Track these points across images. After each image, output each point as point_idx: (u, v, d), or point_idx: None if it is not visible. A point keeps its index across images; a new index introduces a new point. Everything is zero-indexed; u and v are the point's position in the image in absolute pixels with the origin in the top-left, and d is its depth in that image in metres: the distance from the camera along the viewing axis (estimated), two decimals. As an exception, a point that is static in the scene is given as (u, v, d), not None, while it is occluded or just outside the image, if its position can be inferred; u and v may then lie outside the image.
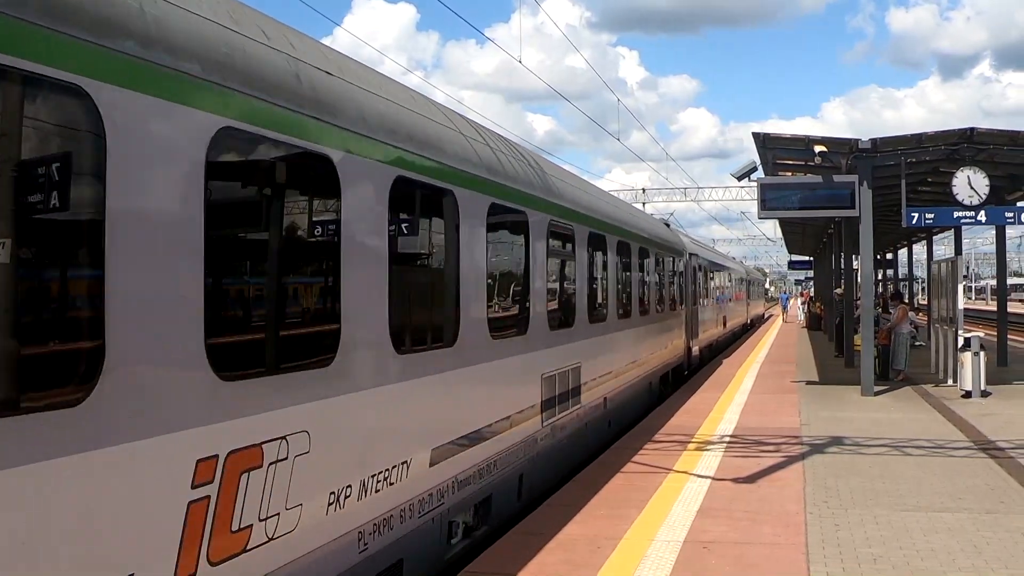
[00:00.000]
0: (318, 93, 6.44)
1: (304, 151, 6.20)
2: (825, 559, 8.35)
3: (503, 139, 11.60)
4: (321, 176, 6.49)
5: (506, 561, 8.38)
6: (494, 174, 9.96)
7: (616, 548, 8.77)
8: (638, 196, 62.08)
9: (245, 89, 5.56)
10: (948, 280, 23.13)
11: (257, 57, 5.78)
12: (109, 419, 4.43)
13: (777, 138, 20.70)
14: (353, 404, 6.79)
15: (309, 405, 6.16)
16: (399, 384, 7.59)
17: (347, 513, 6.63)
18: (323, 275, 6.77)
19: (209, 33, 5.34)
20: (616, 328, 15.99)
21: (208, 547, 5.09)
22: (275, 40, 6.17)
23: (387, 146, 7.42)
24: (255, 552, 5.53)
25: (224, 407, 5.29)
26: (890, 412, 17.78)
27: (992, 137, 19.66)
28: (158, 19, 4.88)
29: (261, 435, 5.62)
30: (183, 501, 4.94)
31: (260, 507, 5.57)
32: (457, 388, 8.81)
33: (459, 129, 9.52)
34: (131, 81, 4.62)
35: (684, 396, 20.67)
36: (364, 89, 7.41)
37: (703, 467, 12.44)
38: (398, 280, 7.51)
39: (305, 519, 6.04)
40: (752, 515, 9.92)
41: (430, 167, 8.25)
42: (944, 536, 9.04)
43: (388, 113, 7.68)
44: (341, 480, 6.58)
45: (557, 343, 12.04)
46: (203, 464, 5.08)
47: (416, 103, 8.67)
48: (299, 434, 6.02)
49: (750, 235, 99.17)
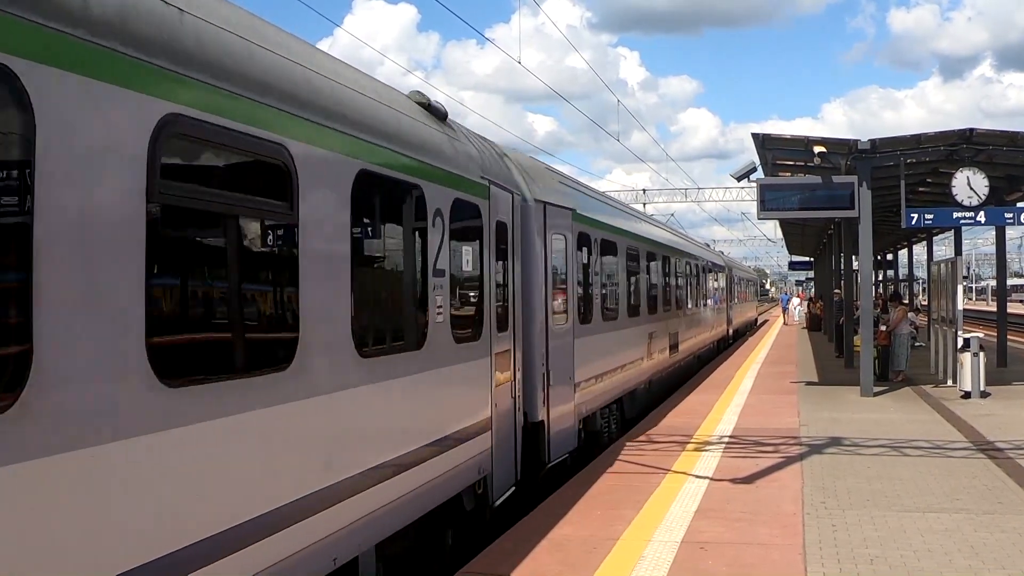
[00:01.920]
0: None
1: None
2: (822, 560, 8.33)
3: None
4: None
5: (502, 561, 8.36)
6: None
7: (613, 548, 8.75)
8: (638, 197, 62.09)
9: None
10: (948, 281, 23.13)
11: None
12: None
13: (777, 139, 20.70)
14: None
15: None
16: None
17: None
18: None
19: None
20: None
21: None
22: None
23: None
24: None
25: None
26: (889, 413, 17.76)
27: (991, 138, 19.66)
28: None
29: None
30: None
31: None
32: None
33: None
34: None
35: (682, 396, 20.65)
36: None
37: (701, 468, 12.42)
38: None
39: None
40: (750, 516, 9.90)
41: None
42: (941, 537, 9.02)
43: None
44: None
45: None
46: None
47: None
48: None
49: (751, 236, 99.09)
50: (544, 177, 13.11)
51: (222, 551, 5.19)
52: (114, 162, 4.52)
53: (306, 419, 6.21)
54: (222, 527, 5.21)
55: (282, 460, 5.95)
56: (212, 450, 5.23)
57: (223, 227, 5.65)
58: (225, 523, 5.24)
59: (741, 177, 21.77)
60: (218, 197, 5.61)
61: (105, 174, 4.48)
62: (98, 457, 4.36)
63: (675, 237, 28.26)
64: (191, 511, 5.03)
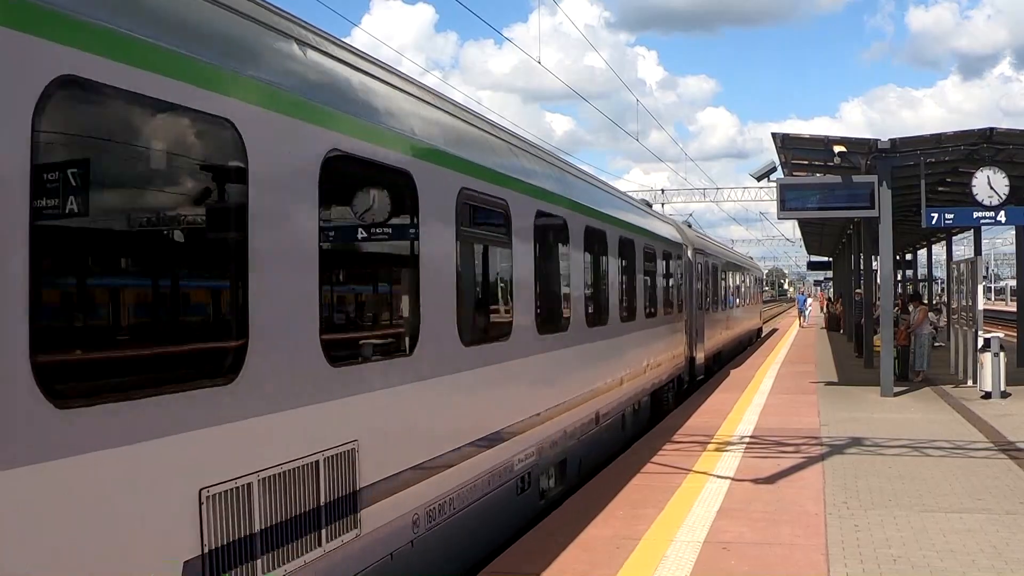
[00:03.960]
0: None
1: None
2: (845, 560, 8.37)
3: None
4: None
5: (526, 561, 8.44)
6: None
7: (636, 548, 8.82)
8: (657, 197, 61.98)
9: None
10: (968, 280, 23.05)
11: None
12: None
13: (796, 138, 20.69)
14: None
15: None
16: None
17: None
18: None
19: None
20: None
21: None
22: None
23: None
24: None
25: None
26: (909, 413, 17.75)
27: (1012, 137, 19.59)
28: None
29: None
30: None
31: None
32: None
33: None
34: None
35: (702, 397, 20.68)
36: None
37: (722, 467, 12.46)
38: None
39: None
40: (772, 516, 9.94)
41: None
42: (964, 537, 9.04)
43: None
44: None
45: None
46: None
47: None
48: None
49: (769, 236, 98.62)
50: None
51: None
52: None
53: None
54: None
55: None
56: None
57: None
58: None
59: (761, 177, 21.81)
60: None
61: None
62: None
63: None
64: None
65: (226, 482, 5.12)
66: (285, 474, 5.63)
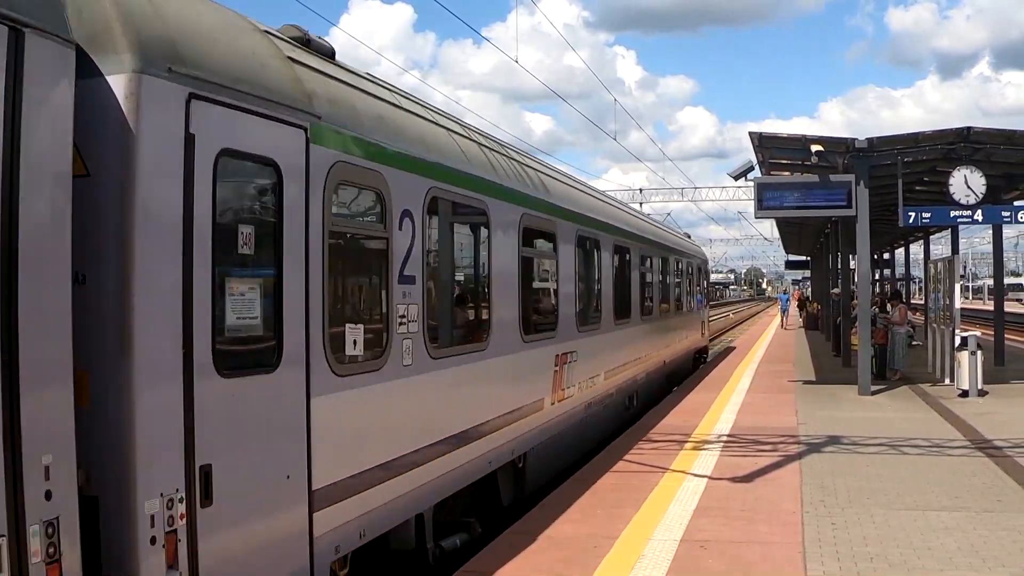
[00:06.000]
0: None
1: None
2: (822, 558, 8.33)
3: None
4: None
5: (501, 561, 8.34)
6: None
7: (613, 547, 8.74)
8: (635, 196, 62.07)
9: None
10: (945, 279, 23.14)
11: None
12: None
13: (774, 137, 20.70)
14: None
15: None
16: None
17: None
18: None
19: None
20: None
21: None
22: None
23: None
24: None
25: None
26: (887, 411, 17.77)
27: (989, 136, 19.68)
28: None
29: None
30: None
31: None
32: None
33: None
34: None
35: (680, 396, 20.66)
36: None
37: (700, 466, 12.41)
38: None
39: None
40: (749, 514, 9.89)
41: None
42: (941, 535, 9.02)
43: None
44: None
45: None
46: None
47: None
48: None
49: (748, 235, 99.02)
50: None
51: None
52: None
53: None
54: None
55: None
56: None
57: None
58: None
59: (738, 176, 21.78)
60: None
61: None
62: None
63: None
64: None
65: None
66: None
